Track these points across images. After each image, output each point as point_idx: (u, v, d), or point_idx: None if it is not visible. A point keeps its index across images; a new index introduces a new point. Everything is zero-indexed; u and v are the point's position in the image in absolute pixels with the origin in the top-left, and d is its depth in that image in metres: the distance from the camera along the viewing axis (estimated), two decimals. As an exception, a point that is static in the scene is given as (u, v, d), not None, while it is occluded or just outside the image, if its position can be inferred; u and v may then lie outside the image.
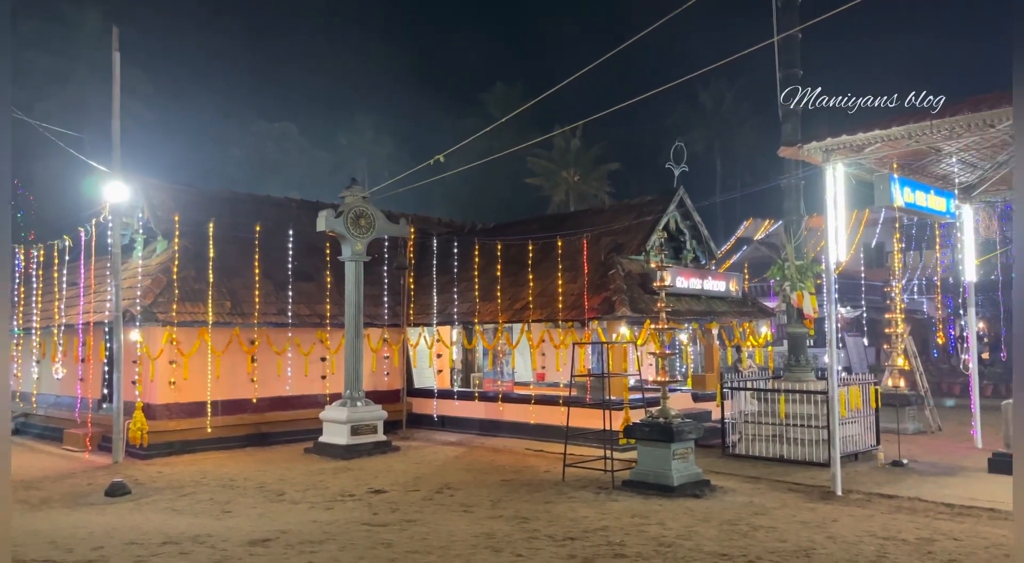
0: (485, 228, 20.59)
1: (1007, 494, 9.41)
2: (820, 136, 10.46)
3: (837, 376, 10.57)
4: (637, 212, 16.39)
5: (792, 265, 12.67)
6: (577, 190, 46.01)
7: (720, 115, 50.51)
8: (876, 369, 22.79)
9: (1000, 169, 12.80)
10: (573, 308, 14.67)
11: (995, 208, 23.89)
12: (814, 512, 8.83)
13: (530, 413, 15.02)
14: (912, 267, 31.04)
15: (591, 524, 8.36)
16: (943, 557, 6.99)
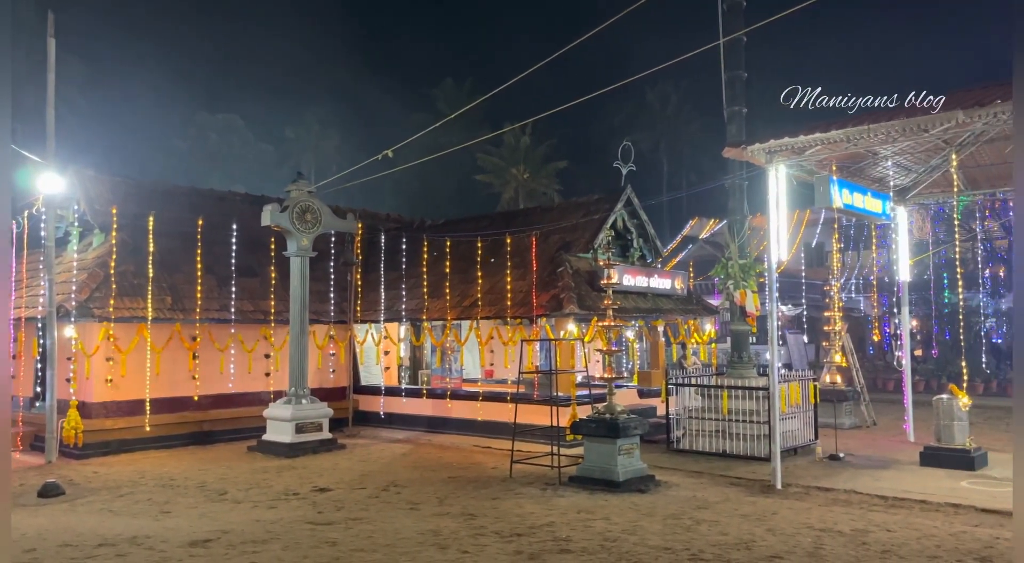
0: (434, 224, 20.50)
1: (938, 486, 9.78)
2: (763, 138, 10.69)
3: (778, 373, 10.83)
4: (585, 210, 16.51)
5: (736, 264, 12.93)
6: (527, 187, 46.15)
7: (667, 115, 51.22)
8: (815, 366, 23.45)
9: (933, 173, 13.27)
10: (522, 305, 14.71)
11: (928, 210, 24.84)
12: (755, 505, 9.03)
13: (478, 410, 15.01)
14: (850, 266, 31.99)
15: (537, 520, 8.41)
16: (877, 548, 7.22)
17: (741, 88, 12.57)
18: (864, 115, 10.21)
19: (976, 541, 7.40)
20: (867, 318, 29.78)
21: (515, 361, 13.35)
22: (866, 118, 9.95)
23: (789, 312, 28.84)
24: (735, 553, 7.07)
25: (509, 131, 42.69)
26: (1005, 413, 17.46)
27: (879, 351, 28.27)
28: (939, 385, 20.42)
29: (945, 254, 25.32)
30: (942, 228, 26.35)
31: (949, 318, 25.73)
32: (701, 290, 25.26)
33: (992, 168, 13.19)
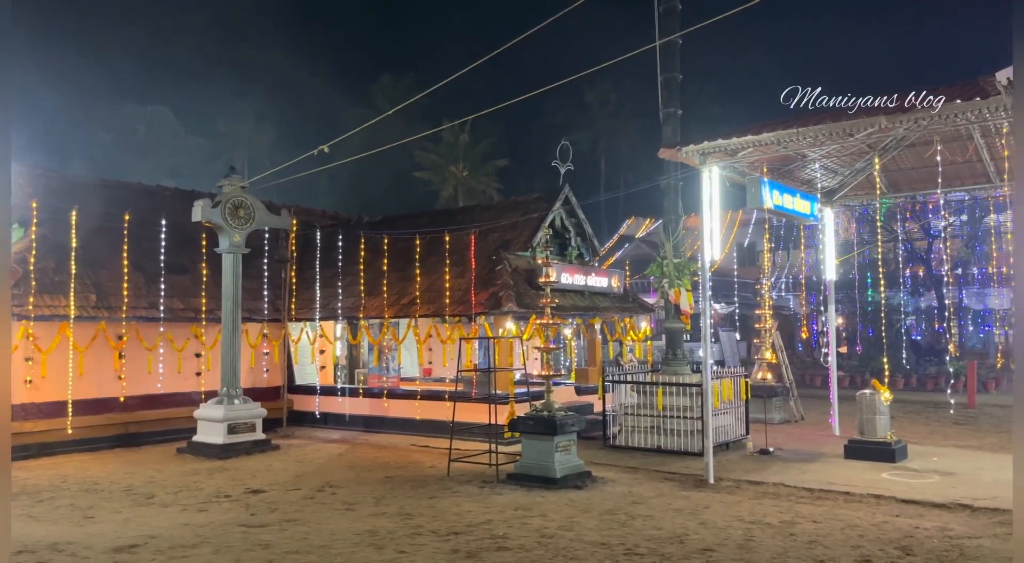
0: (372, 221, 20.28)
1: (861, 478, 10.15)
2: (697, 140, 10.90)
3: (711, 369, 11.08)
4: (524, 209, 16.58)
5: (670, 263, 13.16)
6: (466, 185, 46.09)
7: (605, 115, 51.80)
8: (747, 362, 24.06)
9: (858, 176, 13.75)
10: (460, 303, 14.68)
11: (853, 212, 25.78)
12: (688, 500, 9.21)
13: (416, 409, 14.92)
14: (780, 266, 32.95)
15: (475, 518, 8.41)
16: (803, 539, 7.45)
17: (676, 90, 12.79)
18: (793, 118, 10.52)
19: (897, 531, 7.71)
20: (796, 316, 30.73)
21: (453, 359, 13.32)
22: (795, 121, 10.25)
23: (722, 310, 29.52)
24: (669, 547, 7.21)
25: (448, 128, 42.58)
26: (924, 407, 18.24)
27: (807, 348, 29.20)
28: (863, 380, 21.20)
29: (869, 254, 26.31)
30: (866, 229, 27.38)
31: (872, 316, 26.73)
32: (637, 288, 25.66)
33: (913, 172, 13.74)
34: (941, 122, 9.62)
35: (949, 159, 12.75)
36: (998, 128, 11.31)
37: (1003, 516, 8.15)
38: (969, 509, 8.50)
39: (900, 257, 26.95)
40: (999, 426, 15.20)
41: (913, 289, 28.22)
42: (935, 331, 27.60)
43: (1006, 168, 12.91)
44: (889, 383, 12.17)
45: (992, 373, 24.03)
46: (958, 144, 12.30)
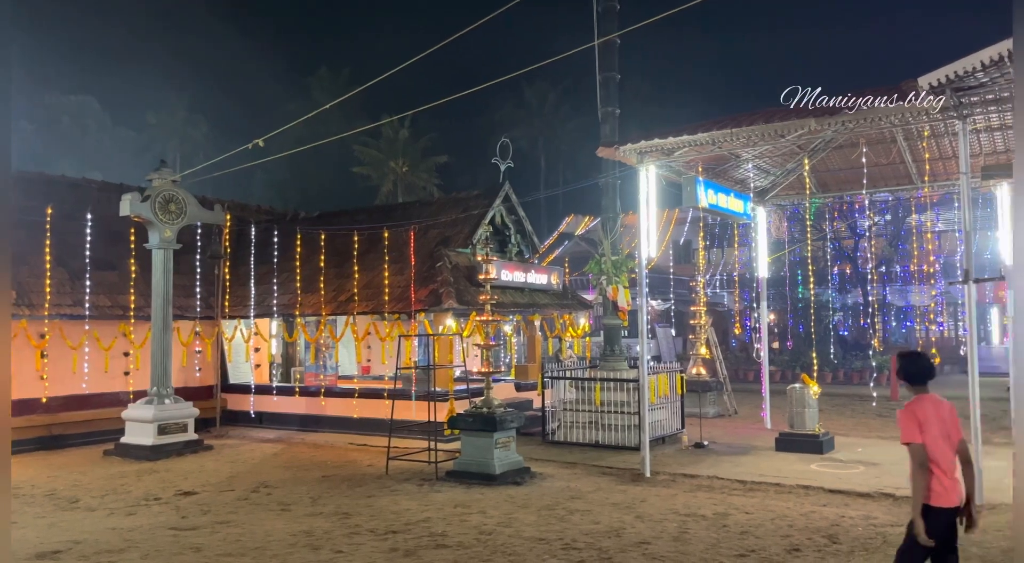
0: (308, 217, 19.94)
1: (791, 470, 10.45)
2: (635, 139, 11.06)
3: (647, 365, 11.25)
4: (464, 206, 16.54)
5: (608, 260, 13.32)
6: (405, 181, 45.73)
7: (544, 113, 52.10)
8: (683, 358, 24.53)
9: (789, 176, 14.15)
10: (400, 300, 14.57)
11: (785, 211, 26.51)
12: (625, 494, 9.34)
13: (354, 407, 14.75)
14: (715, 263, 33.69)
15: (414, 516, 8.36)
16: (736, 530, 7.64)
17: (615, 89, 12.93)
18: (728, 119, 10.76)
19: (824, 519, 7.97)
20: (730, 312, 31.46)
21: (392, 357, 13.21)
22: (729, 122, 10.48)
23: (659, 307, 30.03)
24: (606, 541, 7.30)
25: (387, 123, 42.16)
26: (850, 400, 18.88)
27: (741, 343, 29.93)
28: (793, 375, 21.84)
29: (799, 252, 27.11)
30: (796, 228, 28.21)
31: (802, 312, 27.56)
32: (576, 285, 25.88)
33: (840, 173, 14.21)
34: (867, 125, 9.97)
35: (874, 161, 13.23)
36: (919, 132, 11.78)
37: (923, 504, 8.50)
38: (892, 498, 8.84)
39: (828, 255, 27.88)
40: (920, 417, 15.83)
41: (841, 286, 29.20)
42: (861, 327, 28.63)
43: (927, 170, 13.46)
44: (818, 377, 12.57)
45: (913, 367, 25.01)
46: (883, 147, 12.77)
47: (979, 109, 9.33)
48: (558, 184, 48.62)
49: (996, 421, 13.98)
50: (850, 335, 29.37)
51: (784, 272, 27.74)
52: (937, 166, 13.51)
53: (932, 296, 29.12)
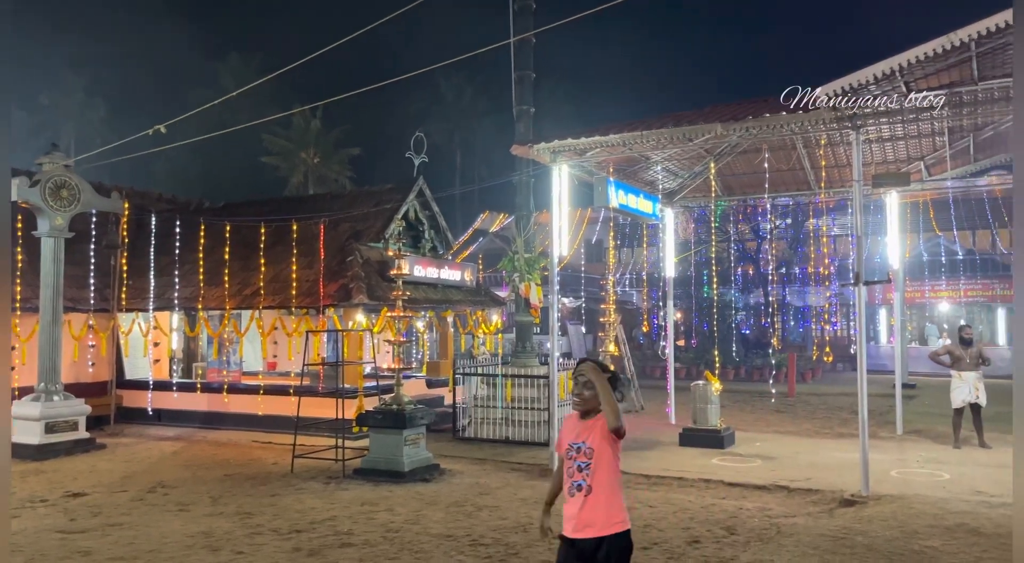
0: (213, 207, 19.26)
1: (693, 464, 10.78)
2: (548, 138, 11.17)
3: (557, 362, 11.39)
4: (377, 199, 16.32)
5: (522, 257, 13.40)
6: (316, 173, 44.80)
7: (460, 108, 51.97)
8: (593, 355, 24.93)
9: (696, 179, 14.58)
10: (308, 295, 14.25)
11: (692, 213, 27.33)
12: (534, 489, 9.43)
13: (259, 404, 14.35)
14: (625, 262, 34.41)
15: (319, 515, 8.20)
16: (639, 523, 7.81)
17: (529, 87, 13.02)
18: (639, 122, 11.00)
19: (723, 512, 8.25)
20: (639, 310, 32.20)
21: (300, 353, 12.90)
22: (640, 125, 10.72)
23: (570, 304, 30.46)
24: (513, 536, 7.34)
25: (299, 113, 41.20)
26: (751, 396, 19.60)
27: (649, 341, 30.68)
28: (698, 372, 22.53)
29: (704, 253, 28.00)
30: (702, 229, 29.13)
31: (707, 311, 28.47)
32: (490, 282, 25.95)
33: (744, 177, 14.74)
34: (769, 131, 10.37)
35: (776, 166, 13.79)
36: (817, 140, 12.34)
37: (815, 496, 8.93)
38: (786, 490, 9.23)
39: (732, 256, 28.90)
40: (814, 413, 16.62)
41: (743, 286, 30.30)
42: (762, 326, 29.79)
43: (823, 177, 14.13)
44: (720, 374, 13.01)
45: (809, 364, 26.27)
46: (784, 153, 13.32)
47: (871, 120, 9.84)
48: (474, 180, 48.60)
49: (883, 416, 14.81)
50: (751, 334, 30.52)
51: (690, 272, 28.59)
52: (833, 173, 14.20)
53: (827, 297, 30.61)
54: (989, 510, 8.03)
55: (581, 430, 3.94)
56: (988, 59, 9.10)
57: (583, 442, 3.90)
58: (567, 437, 4.01)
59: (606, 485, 3.86)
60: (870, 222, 24.90)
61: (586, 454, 3.87)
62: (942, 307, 30.51)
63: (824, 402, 18.49)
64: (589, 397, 3.91)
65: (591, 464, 3.85)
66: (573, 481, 3.90)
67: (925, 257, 29.36)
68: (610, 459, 3.87)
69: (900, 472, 10.05)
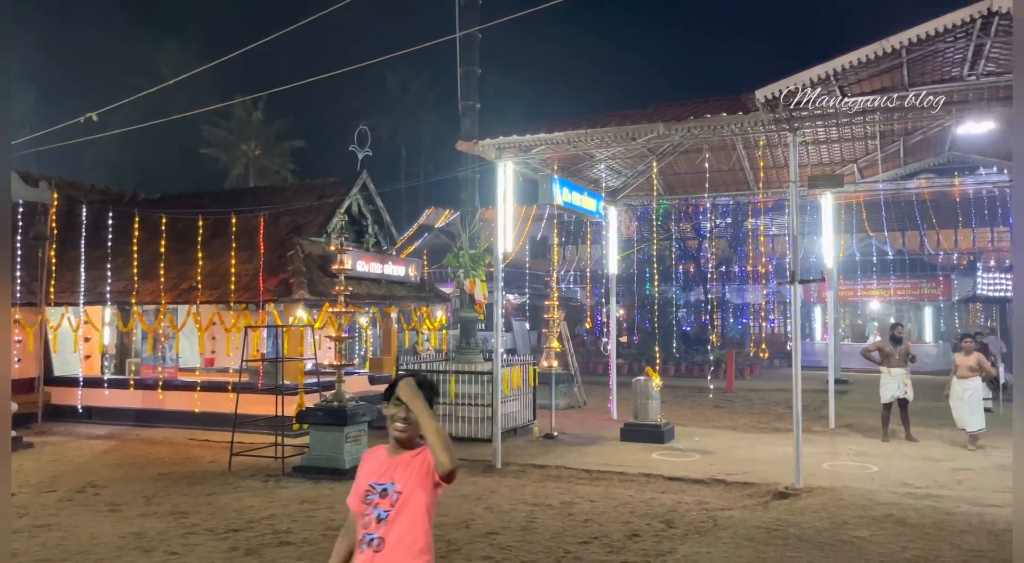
0: (149, 199, 18.70)
1: (634, 458, 10.93)
2: (494, 134, 11.16)
3: (501, 358, 11.41)
4: (320, 193, 16.08)
5: (466, 254, 13.38)
6: (258, 165, 43.88)
7: (406, 103, 51.49)
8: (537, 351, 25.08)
9: (639, 177, 14.76)
10: (247, 289, 13.96)
11: (635, 211, 27.71)
12: (476, 485, 9.43)
13: (195, 401, 14.01)
14: (569, 260, 34.65)
15: (257, 514, 8.05)
16: (581, 518, 7.89)
17: (475, 83, 12.99)
18: (584, 120, 11.08)
19: (662, 506, 8.39)
20: (583, 307, 32.48)
21: (239, 349, 12.64)
22: (585, 123, 10.80)
23: (515, 300, 30.54)
24: (455, 532, 7.33)
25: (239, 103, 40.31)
26: (691, 392, 19.97)
27: (592, 337, 30.98)
28: (640, 368, 22.84)
29: (647, 251, 28.41)
30: (645, 227, 29.54)
31: (649, 308, 28.90)
32: (435, 278, 25.85)
33: (686, 176, 14.99)
34: (710, 132, 10.57)
35: (716, 167, 14.07)
36: (756, 141, 12.62)
37: (751, 489, 9.14)
38: (723, 484, 9.44)
39: (674, 254, 29.38)
40: (751, 408, 17.03)
41: (685, 284, 30.85)
42: (702, 323, 30.39)
43: (762, 178, 14.46)
44: (661, 371, 13.21)
45: (747, 361, 26.89)
46: (724, 153, 13.59)
47: (808, 123, 10.11)
48: (419, 175, 48.25)
49: (816, 411, 15.24)
50: (692, 331, 31.09)
51: (633, 270, 28.96)
52: (771, 174, 14.54)
53: (765, 295, 31.38)
54: (915, 501, 8.34)
55: (390, 468, 2.97)
56: (918, 66, 9.44)
57: (390, 484, 2.92)
58: (367, 476, 3.02)
59: (407, 541, 2.86)
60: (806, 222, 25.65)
61: (391, 500, 2.90)
62: (873, 305, 31.59)
63: (761, 397, 18.95)
64: (404, 428, 2.94)
65: (392, 514, 2.89)
66: (365, 534, 2.92)
67: (858, 257, 30.35)
68: (421, 511, 2.89)
69: (831, 465, 10.37)
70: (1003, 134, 12.86)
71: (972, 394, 11.67)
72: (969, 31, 8.50)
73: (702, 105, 10.75)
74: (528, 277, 28.36)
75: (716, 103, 10.49)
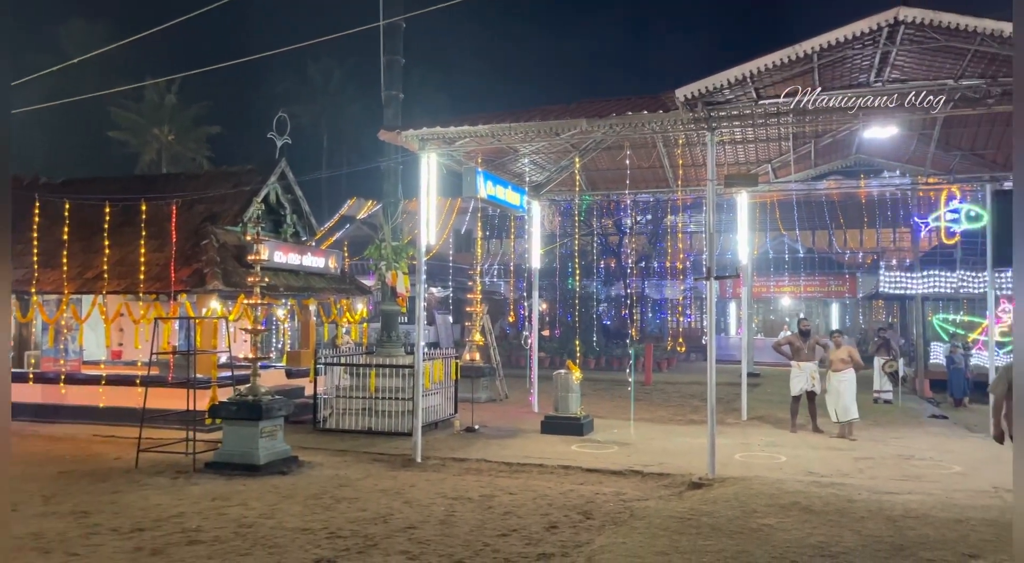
0: (51, 183, 17.73)
1: (553, 451, 11.03)
2: (417, 125, 11.06)
3: (423, 351, 11.32)
4: (236, 181, 15.58)
5: (389, 246, 13.22)
6: (171, 151, 42.23)
7: (329, 91, 50.47)
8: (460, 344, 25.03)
9: (562, 173, 14.88)
10: (158, 280, 13.44)
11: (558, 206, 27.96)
12: (395, 480, 9.34)
13: (101, 395, 13.41)
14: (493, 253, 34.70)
15: (164, 512, 7.76)
16: (500, 511, 7.91)
17: (399, 73, 12.83)
18: (508, 114, 11.09)
19: (580, 497, 8.49)
20: (506, 301, 32.59)
21: (148, 341, 12.15)
22: (509, 117, 10.81)
23: (438, 294, 30.39)
24: (373, 527, 7.24)
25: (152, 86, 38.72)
26: (611, 384, 20.27)
27: (515, 331, 31.14)
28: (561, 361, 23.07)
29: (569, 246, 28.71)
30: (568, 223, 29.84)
31: (571, 302, 29.23)
32: (356, 270, 25.46)
33: (608, 173, 15.20)
34: (631, 130, 10.73)
35: (637, 164, 14.31)
36: (676, 140, 12.89)
37: (667, 480, 9.36)
38: (640, 475, 9.63)
39: (596, 250, 29.79)
40: (668, 401, 17.43)
41: (606, 279, 31.33)
42: (622, 317, 30.93)
43: (681, 176, 14.79)
44: (582, 364, 13.39)
45: (665, 354, 27.52)
46: (645, 151, 13.83)
47: (725, 123, 10.38)
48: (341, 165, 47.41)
49: (730, 403, 15.72)
50: (612, 325, 31.62)
51: (556, 264, 29.21)
52: (690, 172, 14.89)
53: (682, 290, 32.18)
54: (820, 489, 8.70)
55: None
56: (828, 70, 9.80)
57: None
58: None
59: None
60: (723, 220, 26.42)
61: None
62: (784, 302, 32.79)
63: (678, 390, 19.42)
64: None
65: None
66: None
67: (771, 254, 31.46)
68: None
69: (743, 455, 10.71)
70: (905, 139, 13.52)
71: (846, 386, 12.21)
72: (876, 39, 8.87)
73: (624, 102, 10.90)
74: (452, 270, 28.27)
75: (638, 101, 10.65)
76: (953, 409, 16.12)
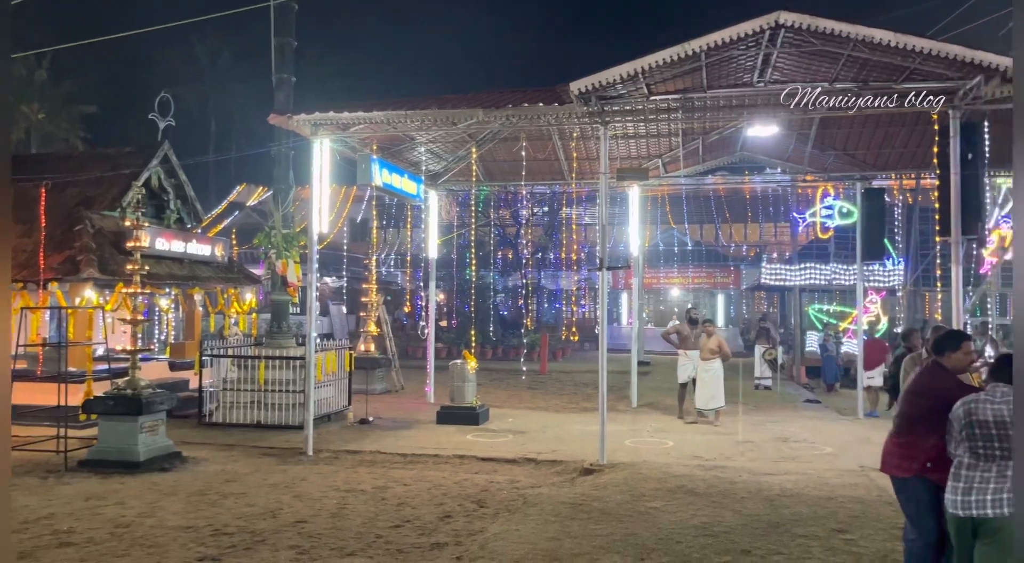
0: (-98, 162, 16.26)
1: (449, 441, 11.03)
2: (309, 110, 10.77)
3: (316, 342, 11.07)
4: (114, 163, 14.72)
5: (279, 233, 12.83)
6: (41, 130, 39.46)
7: (216, 72, 48.33)
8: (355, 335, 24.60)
9: (460, 162, 14.85)
10: (26, 267, 12.55)
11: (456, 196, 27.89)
12: (285, 474, 9.11)
13: (-40, 391, 12.41)
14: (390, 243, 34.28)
15: (33, 513, 7.28)
16: (394, 502, 7.85)
17: (291, 55, 12.44)
18: (404, 101, 10.96)
19: (475, 486, 8.53)
20: (403, 291, 32.29)
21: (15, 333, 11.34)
22: (405, 104, 10.68)
23: (332, 284, 29.77)
24: (261, 523, 7.04)
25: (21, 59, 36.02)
26: (507, 374, 20.43)
27: (412, 321, 30.91)
28: (458, 352, 23.08)
29: (466, 236, 28.72)
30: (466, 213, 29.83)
31: (468, 293, 29.27)
32: (246, 259, 24.60)
33: (505, 164, 15.27)
34: (527, 121, 10.82)
35: (533, 156, 14.44)
36: (571, 133, 13.08)
37: (560, 467, 9.53)
38: (534, 462, 9.76)
39: (493, 240, 29.92)
40: (562, 390, 17.74)
41: (503, 269, 31.52)
42: (518, 307, 31.22)
43: (575, 168, 15.03)
44: (478, 354, 13.43)
45: (560, 344, 27.99)
46: (541, 143, 13.97)
47: (618, 117, 10.62)
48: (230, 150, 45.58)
49: (621, 391, 16.13)
50: (509, 315, 31.87)
51: (453, 254, 29.15)
52: (584, 165, 15.16)
53: (577, 281, 32.78)
54: (704, 472, 9.07)
55: None
56: (715, 70, 10.18)
57: None
58: None
59: None
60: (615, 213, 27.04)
61: None
62: (674, 292, 33.96)
63: (572, 379, 19.79)
64: None
65: None
66: None
67: (661, 246, 32.50)
68: None
69: (633, 441, 11.03)
70: (785, 138, 14.21)
71: (711, 375, 12.72)
72: (759, 40, 9.27)
73: (521, 94, 10.96)
74: (347, 260, 27.74)
75: (534, 93, 10.74)
76: (826, 394, 17.16)
